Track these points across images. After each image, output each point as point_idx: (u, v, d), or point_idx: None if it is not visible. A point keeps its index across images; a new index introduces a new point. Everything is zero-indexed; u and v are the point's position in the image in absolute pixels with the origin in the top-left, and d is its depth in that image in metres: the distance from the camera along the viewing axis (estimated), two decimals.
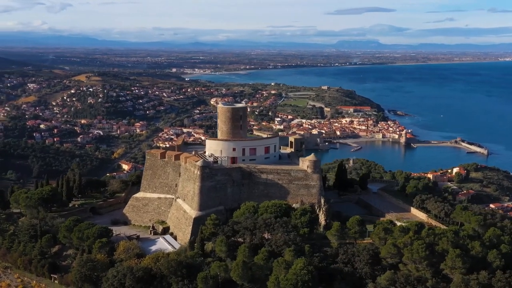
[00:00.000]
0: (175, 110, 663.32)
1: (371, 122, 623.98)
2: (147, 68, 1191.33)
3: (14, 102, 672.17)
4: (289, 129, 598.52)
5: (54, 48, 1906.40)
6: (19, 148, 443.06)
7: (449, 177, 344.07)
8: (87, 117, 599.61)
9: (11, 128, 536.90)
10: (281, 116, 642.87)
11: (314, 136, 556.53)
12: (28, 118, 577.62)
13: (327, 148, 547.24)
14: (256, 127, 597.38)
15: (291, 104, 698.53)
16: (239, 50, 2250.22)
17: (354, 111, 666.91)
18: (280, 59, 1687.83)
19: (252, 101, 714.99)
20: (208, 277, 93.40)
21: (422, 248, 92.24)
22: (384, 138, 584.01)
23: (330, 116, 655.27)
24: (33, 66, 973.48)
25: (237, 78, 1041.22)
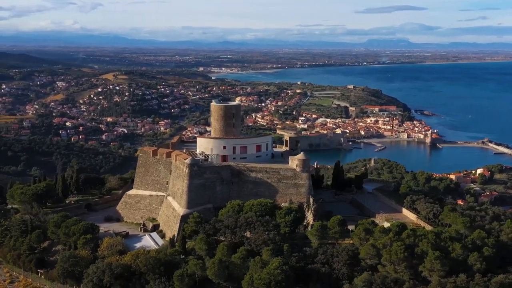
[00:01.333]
0: (199, 109, 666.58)
1: (397, 122, 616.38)
2: (175, 67, 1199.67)
3: (43, 100, 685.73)
4: (313, 128, 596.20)
5: (85, 47, 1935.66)
6: (44, 145, 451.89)
7: (473, 178, 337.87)
8: (112, 115, 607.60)
9: (38, 125, 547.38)
10: (305, 115, 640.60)
11: (338, 136, 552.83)
12: (55, 116, 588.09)
13: (350, 147, 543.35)
14: (279, 126, 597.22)
15: (315, 103, 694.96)
16: (267, 49, 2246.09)
17: (379, 110, 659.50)
18: (307, 58, 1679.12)
19: (277, 100, 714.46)
20: (184, 275, 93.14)
21: (401, 249, 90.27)
22: (409, 138, 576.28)
23: (354, 116, 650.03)
24: (63, 64, 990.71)
25: (263, 77, 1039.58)
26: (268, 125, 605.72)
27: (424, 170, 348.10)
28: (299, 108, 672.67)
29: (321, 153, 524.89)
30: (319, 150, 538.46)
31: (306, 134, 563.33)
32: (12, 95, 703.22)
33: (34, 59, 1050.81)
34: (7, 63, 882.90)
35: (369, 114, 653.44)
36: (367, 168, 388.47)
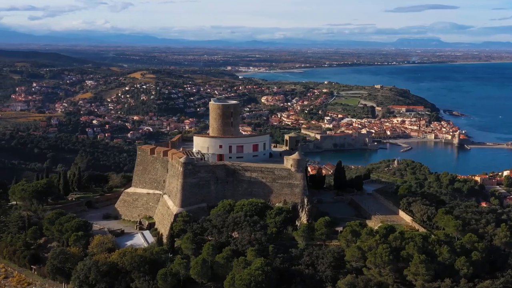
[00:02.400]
0: None
1: (424, 122, 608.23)
2: (203, 66, 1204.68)
3: (72, 98, 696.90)
4: (338, 128, 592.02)
5: (115, 46, 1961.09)
6: (70, 143, 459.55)
7: (499, 180, 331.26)
8: (139, 114, 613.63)
9: (66, 123, 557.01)
10: (331, 115, 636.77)
11: (363, 136, 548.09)
12: (83, 114, 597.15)
13: (375, 148, 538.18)
14: (304, 125, 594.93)
15: (341, 103, 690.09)
16: (296, 49, 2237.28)
17: (406, 110, 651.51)
18: (336, 58, 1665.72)
19: (303, 100, 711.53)
20: (167, 274, 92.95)
21: (386, 252, 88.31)
22: (436, 138, 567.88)
23: (381, 116, 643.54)
24: (93, 63, 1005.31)
25: (291, 77, 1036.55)
26: (293, 125, 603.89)
27: (450, 171, 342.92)
28: (325, 107, 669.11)
29: (346, 153, 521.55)
30: (343, 150, 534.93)
31: (330, 134, 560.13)
32: (43, 94, 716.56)
33: (64, 58, 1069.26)
34: (38, 62, 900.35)
35: (395, 114, 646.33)
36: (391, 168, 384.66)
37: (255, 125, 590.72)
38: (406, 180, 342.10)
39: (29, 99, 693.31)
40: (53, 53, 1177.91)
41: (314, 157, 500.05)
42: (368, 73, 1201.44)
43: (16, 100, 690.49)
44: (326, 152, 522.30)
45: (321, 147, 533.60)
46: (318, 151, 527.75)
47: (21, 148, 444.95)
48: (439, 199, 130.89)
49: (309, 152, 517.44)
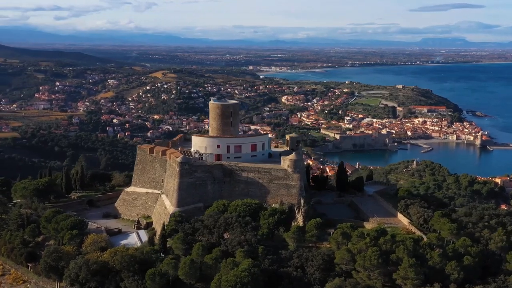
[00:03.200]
0: (245, 107, 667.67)
1: (445, 123, 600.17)
2: (225, 65, 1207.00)
3: (93, 97, 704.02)
4: (358, 128, 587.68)
5: (138, 46, 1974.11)
6: (90, 141, 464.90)
7: None
8: (159, 113, 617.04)
9: (87, 122, 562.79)
10: (351, 115, 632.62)
11: (383, 136, 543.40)
12: (104, 113, 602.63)
13: (396, 148, 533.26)
14: (324, 125, 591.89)
15: (362, 103, 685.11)
16: (319, 48, 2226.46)
17: (428, 111, 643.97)
18: (359, 57, 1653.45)
19: (324, 100, 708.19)
20: (156, 273, 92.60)
21: (375, 255, 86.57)
22: (458, 139, 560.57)
23: (402, 116, 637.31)
24: (115, 63, 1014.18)
25: (312, 76, 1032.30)
26: (313, 125, 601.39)
27: (471, 173, 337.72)
28: (345, 107, 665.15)
29: (365, 154, 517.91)
30: (363, 150, 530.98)
31: (350, 134, 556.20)
32: (65, 92, 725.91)
33: (88, 58, 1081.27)
34: (62, 61, 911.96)
35: (417, 114, 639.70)
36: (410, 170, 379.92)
37: (274, 124, 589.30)
38: (425, 181, 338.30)
39: (52, 98, 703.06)
40: (77, 52, 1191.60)
41: (333, 157, 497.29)
42: (391, 73, 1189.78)
43: (40, 99, 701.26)
44: (345, 153, 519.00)
45: (340, 147, 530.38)
46: (337, 151, 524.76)
47: (42, 146, 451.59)
48: (441, 202, 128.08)
49: (328, 152, 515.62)
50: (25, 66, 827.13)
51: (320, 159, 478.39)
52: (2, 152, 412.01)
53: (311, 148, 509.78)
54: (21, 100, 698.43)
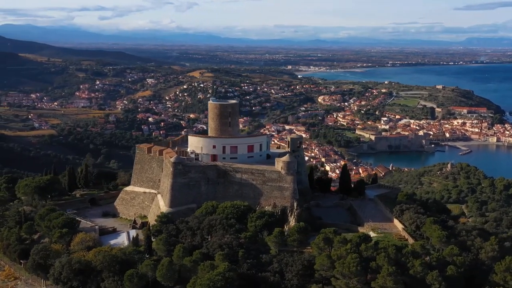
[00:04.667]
0: (281, 107, 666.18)
1: (486, 125, 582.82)
2: (264, 65, 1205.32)
3: (132, 96, 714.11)
4: (395, 129, 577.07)
5: (179, 45, 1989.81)
6: (124, 139, 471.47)
7: None
8: (195, 112, 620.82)
9: (123, 120, 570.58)
10: (388, 116, 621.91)
11: (419, 138, 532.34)
12: (140, 111, 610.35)
13: (432, 150, 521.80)
14: (360, 126, 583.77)
15: (400, 103, 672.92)
16: (359, 48, 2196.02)
17: (467, 112, 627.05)
18: (400, 57, 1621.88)
19: (361, 100, 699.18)
20: (134, 275, 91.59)
21: (355, 262, 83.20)
22: (498, 142, 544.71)
23: (440, 117, 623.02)
24: (155, 62, 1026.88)
25: (351, 76, 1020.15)
26: (348, 125, 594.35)
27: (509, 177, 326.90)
28: (383, 108, 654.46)
29: (401, 155, 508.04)
30: (398, 152, 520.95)
31: (385, 135, 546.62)
32: (105, 91, 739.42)
33: (129, 57, 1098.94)
34: (104, 61, 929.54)
35: (456, 115, 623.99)
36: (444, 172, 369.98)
37: (309, 124, 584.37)
38: (458, 184, 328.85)
39: (92, 96, 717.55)
40: (118, 52, 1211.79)
41: (367, 159, 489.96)
42: (432, 73, 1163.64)
43: (80, 97, 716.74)
44: (380, 154, 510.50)
45: (375, 149, 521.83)
46: (372, 152, 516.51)
47: (77, 144, 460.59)
48: (442, 208, 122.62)
49: (363, 154, 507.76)
50: (67, 65, 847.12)
51: (354, 160, 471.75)
52: (38, 149, 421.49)
53: (345, 148, 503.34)
54: (62, 98, 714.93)
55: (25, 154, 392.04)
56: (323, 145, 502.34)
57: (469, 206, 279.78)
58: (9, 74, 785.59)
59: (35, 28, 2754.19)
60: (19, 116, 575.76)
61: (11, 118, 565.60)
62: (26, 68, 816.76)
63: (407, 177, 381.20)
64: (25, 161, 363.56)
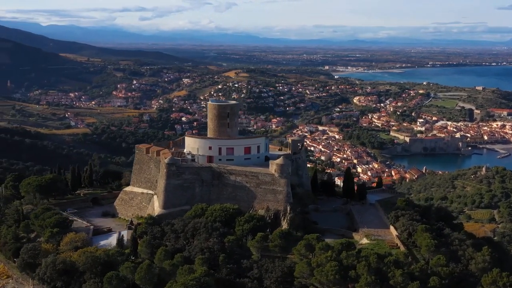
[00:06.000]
0: (315, 108, 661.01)
1: None
2: (301, 65, 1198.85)
3: (167, 95, 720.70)
4: (431, 131, 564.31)
5: (217, 45, 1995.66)
6: (156, 139, 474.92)
7: None
8: None
9: (157, 119, 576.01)
10: (424, 117, 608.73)
11: (456, 140, 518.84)
12: (174, 111, 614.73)
13: (469, 153, 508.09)
14: (395, 127, 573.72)
15: (438, 104, 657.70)
16: (399, 48, 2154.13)
17: (508, 114, 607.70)
18: (441, 58, 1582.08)
19: (397, 101, 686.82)
20: (113, 277, 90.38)
21: (333, 270, 79.83)
22: None
23: (479, 119, 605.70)
24: (193, 62, 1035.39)
25: (389, 77, 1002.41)
26: (383, 126, 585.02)
27: None
28: (419, 109, 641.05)
29: (437, 158, 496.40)
30: (434, 154, 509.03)
31: (421, 137, 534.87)
32: (141, 91, 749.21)
33: (167, 57, 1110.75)
34: (142, 61, 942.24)
35: (495, 118, 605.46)
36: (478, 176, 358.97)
37: (343, 125, 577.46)
38: (492, 189, 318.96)
39: (128, 95, 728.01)
40: (157, 52, 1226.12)
41: (401, 161, 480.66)
42: (473, 74, 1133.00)
43: (116, 96, 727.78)
44: (414, 156, 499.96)
45: (409, 151, 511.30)
46: (406, 154, 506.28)
47: (110, 142, 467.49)
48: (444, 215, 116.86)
49: (397, 156, 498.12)
50: (106, 65, 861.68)
51: (387, 162, 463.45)
52: (71, 147, 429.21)
53: (378, 150, 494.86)
54: (99, 97, 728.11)
55: (58, 152, 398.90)
56: (356, 147, 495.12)
57: (500, 212, 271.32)
58: (50, 73, 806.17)
59: (78, 28, 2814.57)
60: (56, 114, 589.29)
61: (49, 117, 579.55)
62: (66, 67, 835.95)
63: (440, 180, 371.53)
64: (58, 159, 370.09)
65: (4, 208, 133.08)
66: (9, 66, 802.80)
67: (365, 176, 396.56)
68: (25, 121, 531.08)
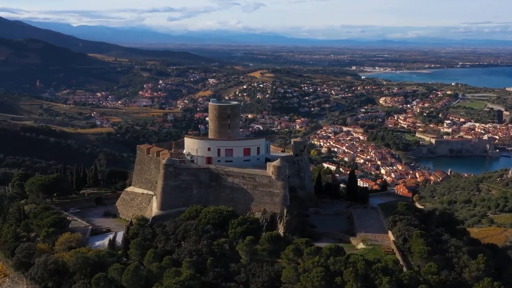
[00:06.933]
0: (340, 108, 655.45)
1: None
2: (328, 65, 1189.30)
3: (192, 95, 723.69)
4: (457, 132, 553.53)
5: (245, 45, 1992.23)
6: (178, 138, 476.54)
7: None
8: (253, 112, 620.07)
9: (180, 119, 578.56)
10: (452, 119, 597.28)
11: (483, 142, 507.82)
12: (198, 111, 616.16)
13: (497, 155, 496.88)
14: (421, 129, 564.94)
15: (465, 106, 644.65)
16: (428, 48, 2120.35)
17: None
18: (471, 58, 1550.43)
19: (424, 102, 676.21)
20: (101, 278, 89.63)
21: (319, 277, 77.53)
22: None
23: (508, 121, 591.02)
24: (219, 62, 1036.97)
25: (417, 77, 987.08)
26: (409, 128, 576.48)
27: None
28: (447, 110, 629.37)
29: (463, 160, 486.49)
30: (460, 156, 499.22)
31: (447, 139, 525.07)
32: (167, 90, 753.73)
33: (193, 57, 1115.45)
34: (168, 61, 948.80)
35: None
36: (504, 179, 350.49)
37: (368, 126, 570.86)
38: None
39: (154, 95, 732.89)
40: (184, 52, 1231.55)
41: (426, 163, 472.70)
42: (504, 74, 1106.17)
43: (142, 96, 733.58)
44: (440, 158, 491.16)
45: (435, 152, 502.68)
46: (432, 156, 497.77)
47: (134, 142, 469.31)
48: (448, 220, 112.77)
49: (422, 157, 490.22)
50: (133, 65, 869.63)
51: (411, 164, 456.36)
52: (95, 146, 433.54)
53: (403, 152, 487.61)
54: (125, 97, 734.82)
55: (81, 151, 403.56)
56: (380, 148, 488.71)
57: None
58: (78, 73, 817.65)
59: (107, 29, 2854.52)
60: (82, 114, 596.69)
61: (75, 116, 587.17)
62: (94, 67, 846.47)
63: (465, 183, 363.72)
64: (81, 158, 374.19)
65: (8, 206, 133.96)
66: (39, 66, 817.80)
67: (389, 178, 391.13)
68: (51, 120, 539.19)
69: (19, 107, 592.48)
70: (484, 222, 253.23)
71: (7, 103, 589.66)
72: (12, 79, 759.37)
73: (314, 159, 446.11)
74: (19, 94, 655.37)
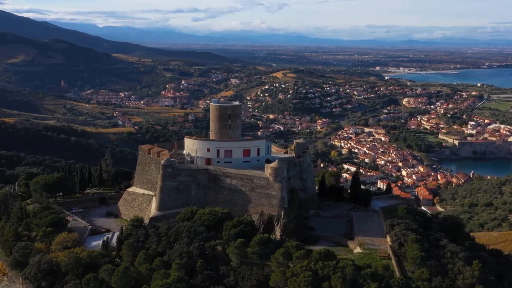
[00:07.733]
0: (362, 109, 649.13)
1: None
2: (351, 65, 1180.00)
3: (214, 95, 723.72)
4: (482, 134, 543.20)
5: (268, 46, 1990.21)
6: None
7: None
8: (275, 112, 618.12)
9: (201, 119, 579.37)
10: (476, 120, 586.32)
11: (508, 144, 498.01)
12: None
13: None
14: (444, 130, 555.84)
15: (491, 107, 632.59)
16: (454, 48, 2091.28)
17: None
18: (499, 58, 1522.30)
19: (448, 103, 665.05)
20: (91, 279, 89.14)
21: (306, 281, 75.69)
22: None
23: None
24: (242, 62, 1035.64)
25: (442, 78, 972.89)
26: (432, 129, 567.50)
27: None
28: (471, 112, 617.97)
29: (487, 162, 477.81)
30: (484, 158, 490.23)
31: (470, 141, 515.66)
32: (189, 90, 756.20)
33: (216, 57, 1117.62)
34: (191, 61, 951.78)
35: None
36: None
37: (390, 127, 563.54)
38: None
39: (176, 95, 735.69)
40: (207, 52, 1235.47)
41: (449, 165, 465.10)
42: None
43: (165, 96, 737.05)
44: (463, 160, 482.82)
45: (458, 154, 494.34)
46: (455, 158, 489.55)
47: (154, 141, 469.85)
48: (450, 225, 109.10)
49: (445, 159, 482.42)
50: (156, 65, 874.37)
51: (434, 165, 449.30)
52: (115, 146, 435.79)
53: (425, 153, 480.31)
54: (148, 97, 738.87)
55: (102, 151, 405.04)
56: (402, 149, 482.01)
57: None
58: (102, 73, 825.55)
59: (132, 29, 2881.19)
60: (105, 113, 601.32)
61: (98, 116, 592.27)
62: (117, 67, 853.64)
63: (487, 185, 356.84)
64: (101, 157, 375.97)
65: (13, 206, 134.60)
66: (64, 66, 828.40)
67: (410, 180, 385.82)
68: (74, 120, 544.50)
69: (43, 107, 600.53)
70: (504, 226, 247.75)
71: (32, 103, 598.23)
72: (38, 79, 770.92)
73: (334, 160, 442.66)
74: (44, 94, 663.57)
